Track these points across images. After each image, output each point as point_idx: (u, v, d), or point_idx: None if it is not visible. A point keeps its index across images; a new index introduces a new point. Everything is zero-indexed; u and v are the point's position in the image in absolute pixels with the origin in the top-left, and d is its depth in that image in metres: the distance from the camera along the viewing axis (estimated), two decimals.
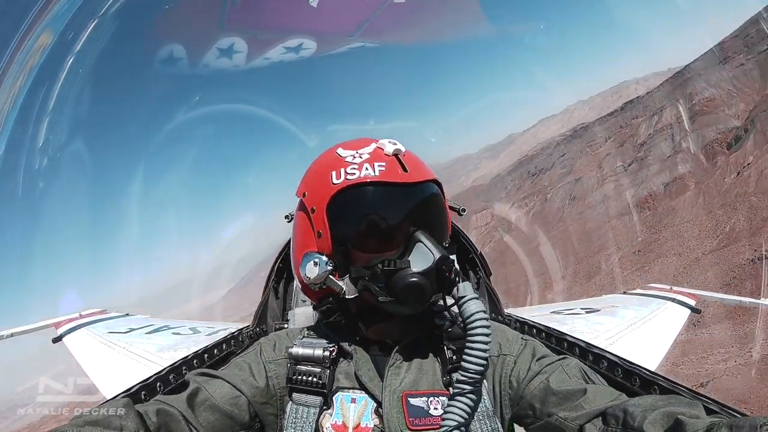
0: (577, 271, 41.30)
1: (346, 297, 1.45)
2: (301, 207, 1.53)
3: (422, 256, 1.34)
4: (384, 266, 1.37)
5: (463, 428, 1.25)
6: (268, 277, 2.80)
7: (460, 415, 1.24)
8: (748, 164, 37.31)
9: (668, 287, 4.74)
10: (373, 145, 1.50)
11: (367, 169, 1.41)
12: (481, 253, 2.89)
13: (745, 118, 41.41)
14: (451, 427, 1.23)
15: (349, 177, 1.40)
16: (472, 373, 1.24)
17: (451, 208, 1.76)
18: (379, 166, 1.41)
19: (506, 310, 2.68)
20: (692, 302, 4.22)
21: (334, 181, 1.42)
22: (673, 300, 4.25)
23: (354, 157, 1.46)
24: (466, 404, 1.25)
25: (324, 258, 1.44)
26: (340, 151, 1.52)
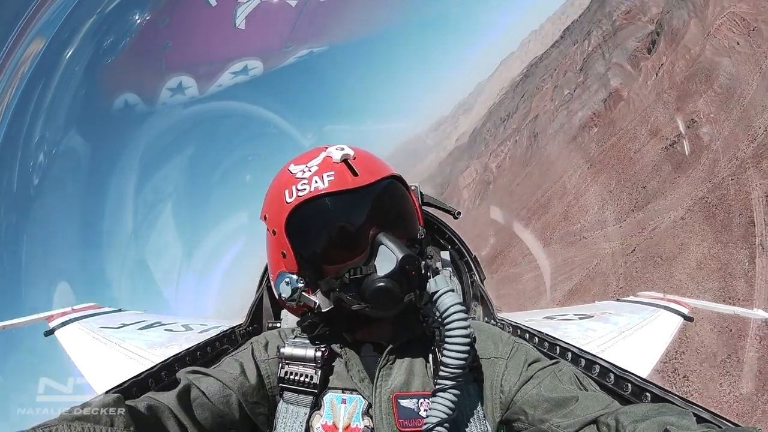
0: (550, 196, 45.18)
1: (321, 311, 1.46)
2: (266, 230, 1.54)
3: (386, 259, 1.35)
4: (351, 275, 1.38)
5: (447, 425, 1.25)
6: (262, 276, 2.80)
7: (442, 411, 1.24)
8: (662, 64, 42.39)
9: (661, 295, 4.75)
10: (323, 155, 1.49)
11: (316, 182, 1.41)
12: (475, 257, 2.89)
13: (656, 21, 46.63)
14: (433, 424, 1.24)
15: (300, 194, 1.41)
16: (452, 368, 1.25)
17: (444, 209, 1.76)
18: (328, 176, 1.41)
19: (499, 315, 2.68)
20: (685, 310, 4.22)
21: (287, 200, 1.42)
22: (666, 308, 4.25)
23: (304, 171, 1.46)
24: (448, 400, 1.25)
25: (294, 276, 1.46)
26: (291, 167, 1.52)
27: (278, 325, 2.48)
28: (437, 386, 1.28)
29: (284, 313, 2.10)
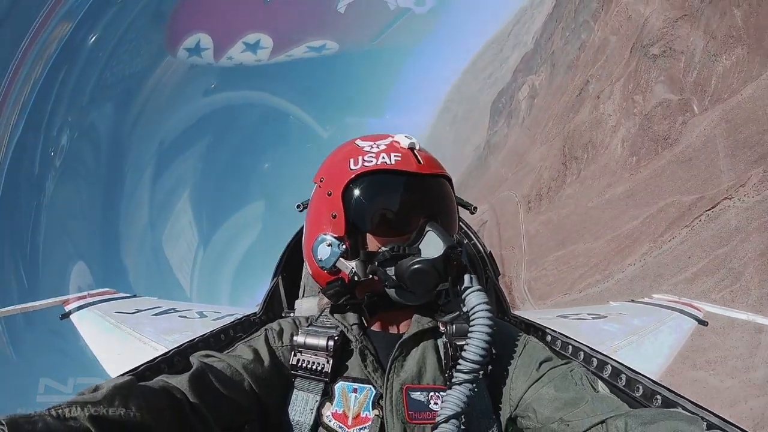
0: (551, 118, 52.05)
1: (355, 280, 1.47)
2: (318, 192, 1.58)
3: (432, 245, 1.39)
4: (393, 251, 1.41)
5: (456, 419, 1.25)
6: (277, 265, 2.81)
7: (456, 404, 1.24)
8: (598, 30, 48.25)
9: (676, 298, 4.72)
10: (390, 139, 1.57)
11: (383, 158, 1.47)
12: (490, 253, 2.88)
13: None
14: (447, 416, 1.24)
15: (366, 164, 1.46)
16: (470, 362, 1.26)
17: (462, 205, 1.78)
18: (395, 156, 1.47)
19: (512, 312, 2.67)
20: (699, 314, 4.19)
21: (352, 167, 1.48)
22: (681, 311, 4.23)
23: (372, 147, 1.53)
24: (463, 394, 1.25)
25: (336, 240, 1.49)
26: (358, 142, 1.59)
27: (291, 314, 2.49)
28: (454, 379, 1.29)
29: (298, 303, 2.11)
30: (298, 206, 1.83)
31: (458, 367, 1.29)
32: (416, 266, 1.36)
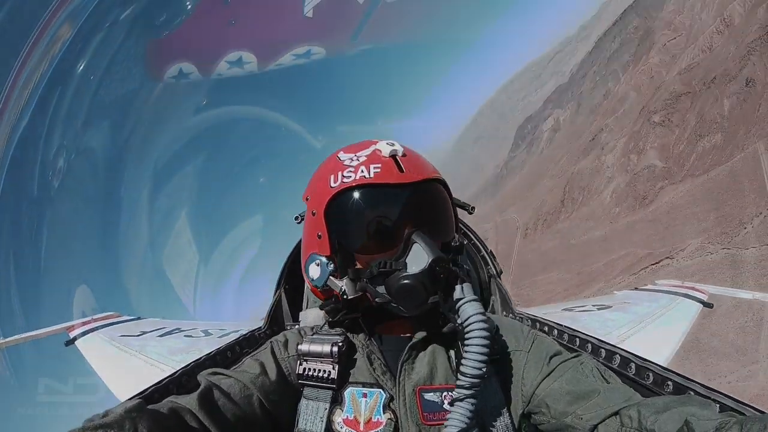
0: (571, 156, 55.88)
1: (346, 298, 1.46)
2: (306, 211, 1.56)
3: (418, 258, 1.34)
4: (380, 267, 1.38)
5: None
6: (279, 278, 2.80)
7: (461, 420, 1.22)
8: (623, 82, 53.78)
9: (680, 282, 4.72)
10: (372, 148, 1.51)
11: (362, 171, 1.42)
12: (491, 251, 2.88)
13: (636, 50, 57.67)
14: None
15: (345, 180, 1.43)
16: (469, 377, 1.23)
17: (460, 206, 1.77)
18: (374, 168, 1.42)
19: (517, 309, 2.66)
20: (704, 297, 4.19)
21: (332, 184, 1.44)
22: (685, 295, 4.22)
23: (352, 160, 1.48)
24: (467, 409, 1.23)
25: (324, 260, 1.47)
26: (340, 155, 1.55)
27: (296, 326, 2.48)
28: (455, 395, 1.26)
29: (302, 314, 2.10)
30: (296, 218, 1.82)
31: (458, 382, 1.25)
32: (402, 282, 1.32)
